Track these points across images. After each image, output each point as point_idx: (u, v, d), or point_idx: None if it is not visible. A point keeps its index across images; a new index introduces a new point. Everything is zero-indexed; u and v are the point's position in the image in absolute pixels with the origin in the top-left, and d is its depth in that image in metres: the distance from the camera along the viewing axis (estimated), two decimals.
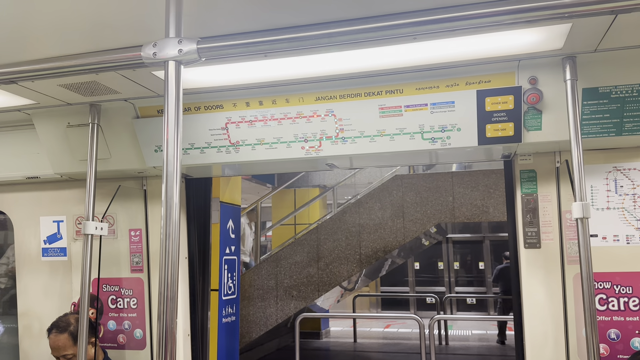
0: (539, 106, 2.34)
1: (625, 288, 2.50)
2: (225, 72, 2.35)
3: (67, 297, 3.23)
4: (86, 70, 1.93)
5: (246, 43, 1.66)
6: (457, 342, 9.94)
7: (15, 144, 3.16)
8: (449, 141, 2.45)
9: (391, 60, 2.25)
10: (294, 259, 7.20)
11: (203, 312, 3.32)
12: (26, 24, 1.89)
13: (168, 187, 1.56)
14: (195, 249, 3.28)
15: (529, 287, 2.62)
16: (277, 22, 1.81)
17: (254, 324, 7.15)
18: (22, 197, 3.38)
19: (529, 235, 2.64)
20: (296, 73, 2.37)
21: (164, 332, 1.49)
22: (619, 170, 2.56)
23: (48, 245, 3.31)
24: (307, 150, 2.64)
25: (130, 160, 2.92)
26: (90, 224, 2.64)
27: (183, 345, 3.11)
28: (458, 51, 2.15)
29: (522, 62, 2.28)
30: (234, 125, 2.66)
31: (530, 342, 2.60)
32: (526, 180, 2.67)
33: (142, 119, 2.79)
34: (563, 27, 1.93)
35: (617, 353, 2.49)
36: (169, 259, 1.53)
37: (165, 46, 1.63)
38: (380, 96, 2.47)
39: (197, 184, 3.32)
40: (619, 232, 2.53)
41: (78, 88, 2.49)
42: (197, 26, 1.87)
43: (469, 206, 6.76)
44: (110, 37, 1.96)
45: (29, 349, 3.27)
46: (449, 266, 14.41)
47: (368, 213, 7.13)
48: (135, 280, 3.14)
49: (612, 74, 2.25)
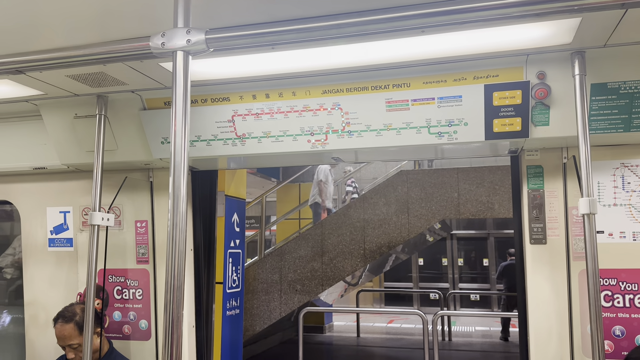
0: (547, 101, 2.33)
1: (631, 285, 2.49)
2: (233, 64, 2.35)
3: (73, 288, 3.25)
4: (94, 61, 1.93)
5: (254, 34, 1.66)
6: (460, 338, 9.95)
7: (23, 134, 3.18)
8: (455, 136, 2.44)
9: (398, 54, 2.24)
10: (298, 253, 7.22)
11: (208, 304, 3.33)
12: (34, 14, 1.89)
13: (175, 176, 1.56)
14: (200, 242, 3.29)
15: (534, 283, 2.62)
16: (285, 14, 1.80)
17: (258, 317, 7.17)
18: (29, 188, 3.40)
19: (535, 231, 2.63)
20: (303, 66, 2.37)
21: (170, 321, 1.50)
22: (627, 167, 2.54)
23: (54, 235, 3.33)
24: (313, 144, 2.63)
25: (136, 151, 2.93)
26: (96, 215, 2.65)
27: (188, 337, 3.13)
28: (466, 45, 2.14)
29: (531, 56, 2.27)
30: (241, 117, 2.67)
31: (535, 337, 2.60)
32: (533, 176, 2.66)
33: (149, 111, 2.79)
34: (572, 22, 1.91)
35: (621, 350, 2.49)
36: (176, 249, 1.53)
37: (174, 36, 1.63)
38: (387, 90, 2.46)
39: (203, 177, 3.33)
40: (626, 228, 2.52)
41: (85, 79, 2.49)
42: (205, 18, 1.87)
43: (474, 202, 6.74)
44: (118, 27, 1.96)
45: (35, 338, 3.30)
46: (453, 262, 14.40)
47: (372, 208, 7.13)
48: (140, 271, 3.16)
49: (621, 69, 2.23)
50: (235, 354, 4.15)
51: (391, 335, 10.46)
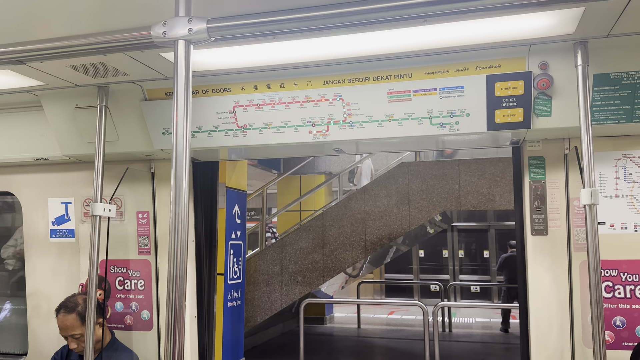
0: (549, 92, 2.32)
1: (631, 276, 2.49)
2: (234, 55, 2.34)
3: (75, 278, 3.27)
4: (95, 50, 1.92)
5: (256, 23, 1.65)
6: (461, 329, 9.99)
7: (24, 125, 3.18)
8: (457, 126, 2.44)
9: (400, 44, 2.23)
10: (299, 245, 7.23)
11: (209, 295, 3.34)
12: (34, 4, 1.88)
13: (177, 166, 1.56)
14: (202, 233, 3.30)
15: (535, 273, 2.62)
16: (286, 4, 1.79)
17: (259, 308, 7.20)
18: (31, 179, 3.40)
19: (536, 222, 2.63)
20: (304, 56, 2.36)
21: (172, 310, 1.50)
22: (629, 158, 2.54)
23: (56, 226, 3.34)
24: (314, 135, 2.63)
25: (138, 142, 2.92)
26: (98, 206, 2.66)
27: (190, 327, 3.14)
28: (468, 35, 2.13)
29: (533, 47, 2.26)
30: (242, 108, 2.66)
31: (535, 328, 2.60)
32: (534, 167, 2.66)
33: (150, 102, 2.79)
34: (575, 12, 1.90)
35: (622, 340, 2.50)
36: (178, 239, 1.54)
37: (175, 25, 1.62)
38: (389, 80, 2.45)
39: (204, 168, 3.33)
40: (627, 219, 2.52)
41: (86, 69, 2.49)
42: (206, 8, 1.85)
43: (475, 194, 6.74)
44: (120, 17, 1.95)
45: (38, 328, 3.32)
46: (454, 254, 14.43)
47: (374, 200, 7.14)
48: (142, 262, 3.17)
49: (624, 60, 2.22)
50: (237, 344, 4.18)
51: (392, 327, 10.51)
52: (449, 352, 7.94)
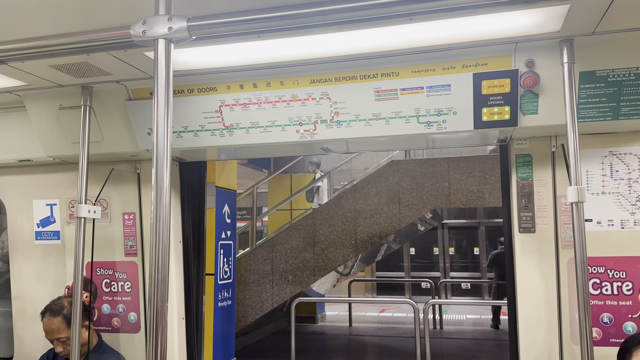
0: (536, 90, 2.32)
1: (618, 272, 2.50)
2: (219, 54, 2.31)
3: (60, 281, 3.22)
4: (77, 50, 1.89)
5: (238, 21, 1.63)
6: (452, 326, 10.03)
7: (7, 126, 3.13)
8: (444, 125, 2.43)
9: (387, 42, 2.22)
10: (289, 244, 7.22)
11: (198, 296, 3.32)
12: (14, 3, 1.84)
13: (158, 167, 1.54)
14: (189, 234, 3.27)
15: (523, 271, 2.62)
16: (269, 2, 1.77)
17: (250, 308, 7.18)
18: (15, 181, 3.35)
19: (524, 220, 2.64)
20: (291, 55, 2.34)
21: (154, 314, 1.48)
22: (615, 155, 2.55)
23: (41, 228, 3.29)
24: (302, 134, 2.61)
25: (123, 143, 2.89)
26: (83, 207, 2.62)
27: (178, 329, 3.11)
28: (454, 33, 2.12)
29: (519, 44, 2.25)
30: (228, 108, 2.64)
31: (524, 326, 2.61)
32: (522, 165, 2.66)
33: (135, 101, 2.75)
34: (561, 9, 1.90)
35: (609, 337, 2.51)
36: (160, 241, 1.51)
37: (155, 24, 1.59)
38: (376, 79, 2.44)
39: (191, 168, 3.30)
40: (614, 216, 2.52)
41: (69, 69, 2.45)
42: (188, 6, 1.83)
43: (465, 192, 6.77)
44: (102, 16, 1.92)
45: (23, 332, 3.27)
46: (444, 251, 14.49)
47: (364, 198, 7.14)
48: (129, 264, 3.13)
49: (610, 57, 2.23)
50: (228, 344, 4.16)
51: (383, 325, 10.53)
52: (440, 349, 7.97)
